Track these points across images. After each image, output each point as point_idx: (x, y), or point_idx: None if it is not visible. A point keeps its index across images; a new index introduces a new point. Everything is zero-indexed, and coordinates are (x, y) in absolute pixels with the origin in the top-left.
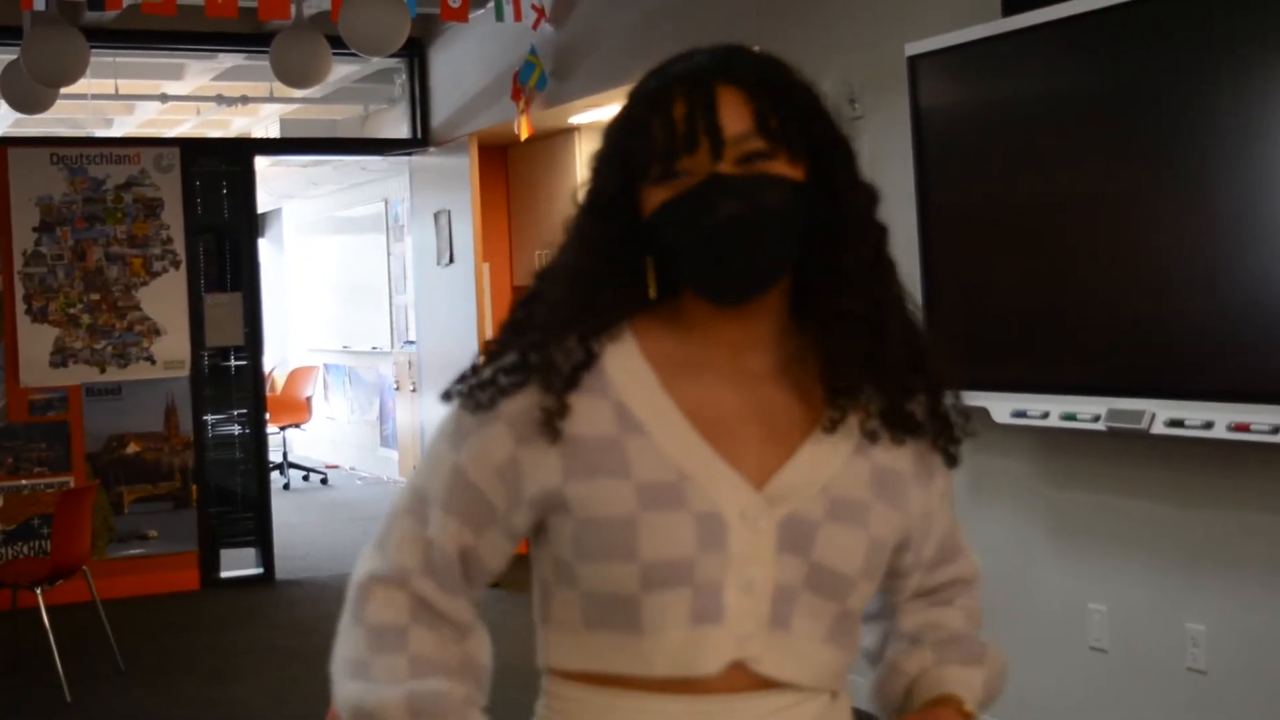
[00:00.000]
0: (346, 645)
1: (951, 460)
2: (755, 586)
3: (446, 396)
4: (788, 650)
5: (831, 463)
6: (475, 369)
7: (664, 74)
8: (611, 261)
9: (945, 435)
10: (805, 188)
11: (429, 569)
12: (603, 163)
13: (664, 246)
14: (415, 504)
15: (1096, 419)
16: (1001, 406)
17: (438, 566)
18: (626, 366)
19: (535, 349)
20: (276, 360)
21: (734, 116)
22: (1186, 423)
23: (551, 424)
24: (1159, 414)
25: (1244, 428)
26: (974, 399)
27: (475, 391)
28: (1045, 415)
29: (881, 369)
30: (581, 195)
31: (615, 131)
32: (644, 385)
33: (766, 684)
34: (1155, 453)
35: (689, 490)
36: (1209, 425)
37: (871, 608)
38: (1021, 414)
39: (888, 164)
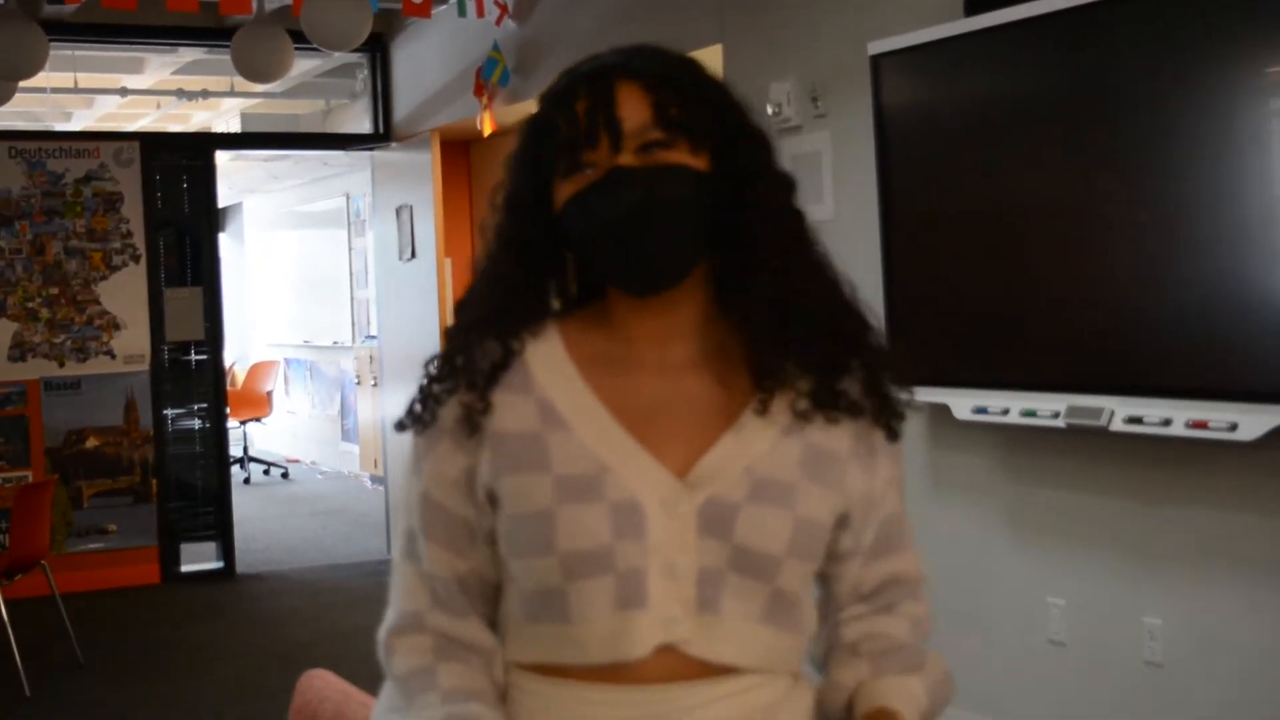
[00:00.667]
0: (382, 701)
1: (893, 435)
2: (678, 571)
3: (400, 427)
4: (719, 632)
5: (756, 445)
6: (419, 388)
7: (571, 74)
8: (530, 260)
9: (885, 411)
10: (708, 177)
11: (436, 603)
12: (516, 162)
13: (574, 241)
14: (407, 545)
15: (1056, 416)
16: (962, 403)
17: (443, 597)
18: (550, 364)
19: (460, 352)
20: (237, 355)
21: (632, 109)
22: (1145, 419)
23: (471, 419)
24: (1118, 411)
25: (1202, 425)
26: (935, 396)
27: (418, 410)
28: (1005, 412)
29: (806, 350)
30: (499, 197)
31: (526, 131)
32: (567, 381)
33: (709, 670)
34: (1114, 449)
35: (607, 481)
36: (1167, 422)
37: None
38: (982, 410)
39: (850, 163)
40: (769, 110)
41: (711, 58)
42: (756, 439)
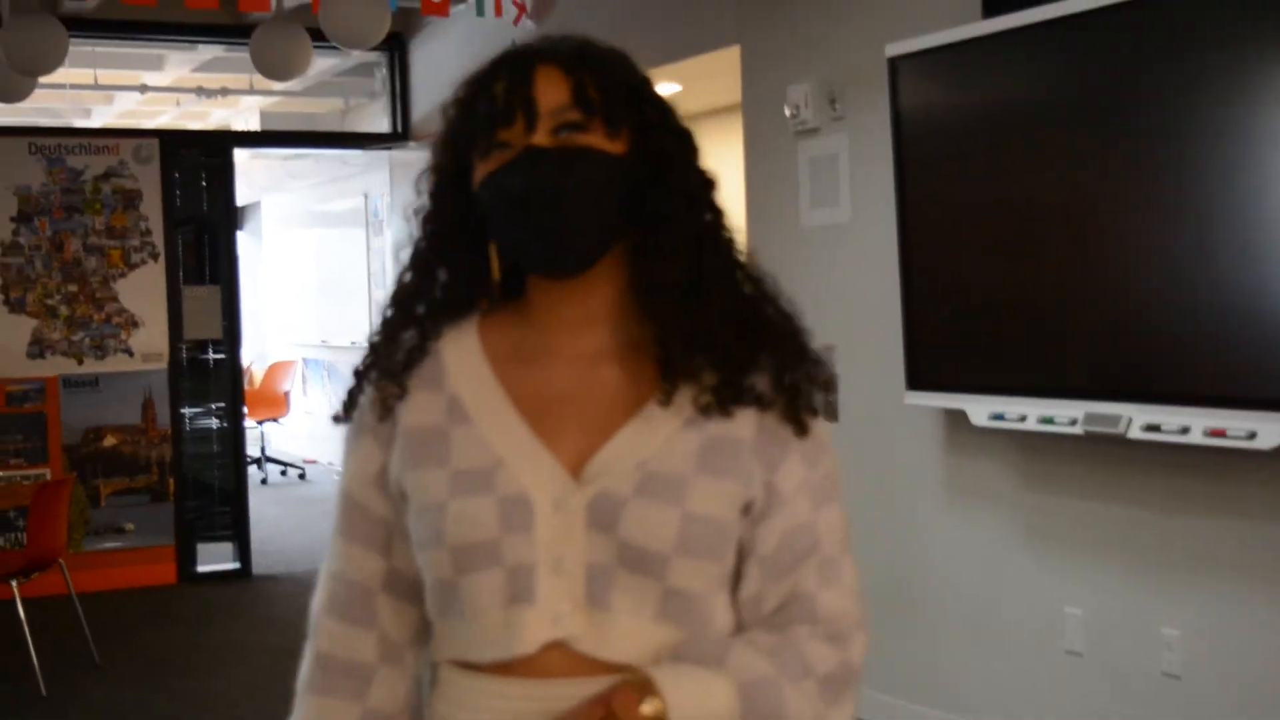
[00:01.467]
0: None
1: (800, 429)
2: (565, 566)
3: (336, 420)
4: (608, 630)
5: (652, 440)
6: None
7: (494, 59)
8: (453, 242)
9: (793, 406)
10: (622, 161)
11: (333, 606)
12: (439, 144)
13: (489, 220)
14: (329, 550)
15: (1074, 423)
16: (979, 409)
17: (342, 600)
18: (463, 358)
19: (383, 342)
20: (255, 354)
21: (549, 91)
22: (1163, 427)
23: (386, 405)
24: (1136, 418)
25: (1220, 433)
26: (952, 401)
27: (345, 404)
28: (1023, 419)
29: (713, 343)
30: (424, 181)
31: (448, 113)
32: (476, 375)
33: (602, 667)
34: (1132, 457)
35: (499, 475)
36: (1185, 430)
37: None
38: (999, 417)
39: (867, 165)
40: (786, 112)
41: (729, 59)
42: (655, 432)
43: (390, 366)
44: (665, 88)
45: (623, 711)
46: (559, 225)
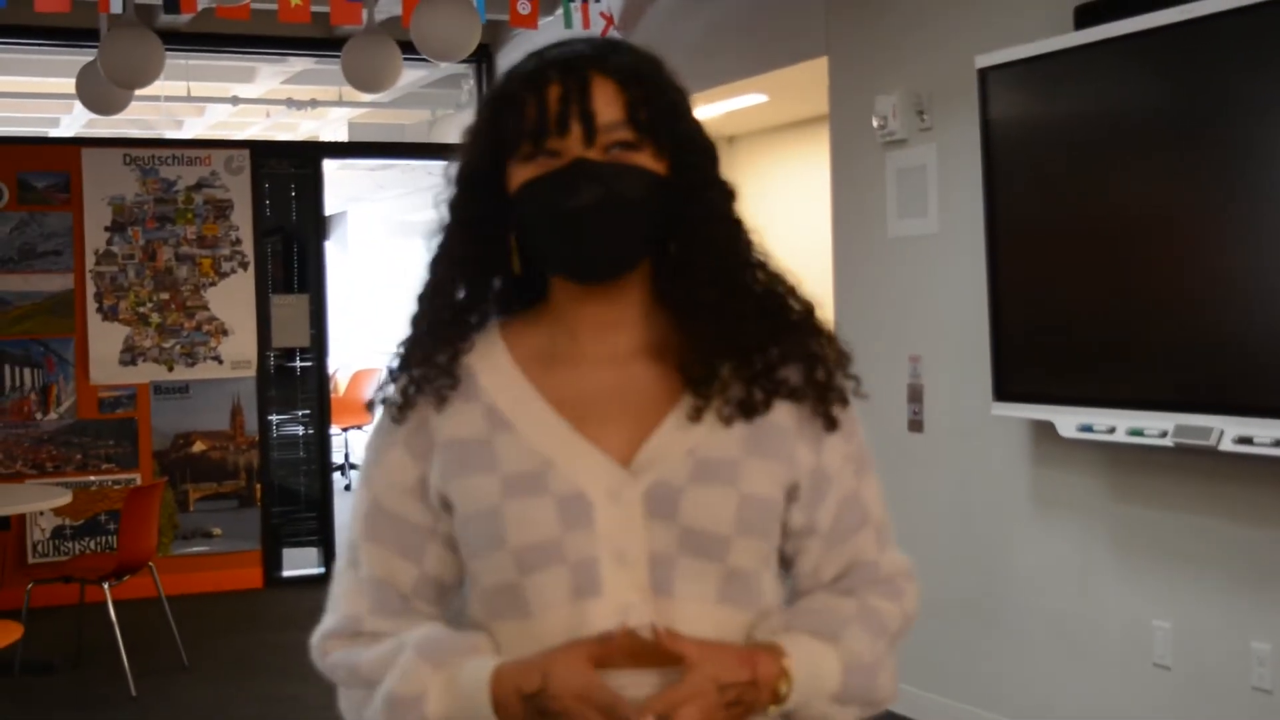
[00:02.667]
0: (345, 705)
1: (831, 423)
2: (629, 557)
3: (370, 405)
4: (675, 616)
5: (696, 429)
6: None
7: (542, 57)
8: (479, 239)
9: (825, 399)
10: (666, 182)
11: (376, 607)
12: (474, 137)
13: (525, 224)
14: (350, 555)
15: (1164, 435)
16: (1067, 421)
17: (382, 601)
18: (495, 370)
19: (411, 349)
20: (340, 362)
21: (606, 105)
22: (1255, 440)
23: (421, 415)
24: (1227, 431)
25: None
26: (1040, 413)
27: (389, 404)
28: (1112, 430)
29: (742, 340)
30: (452, 171)
31: (489, 107)
32: (511, 384)
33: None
34: (1223, 470)
35: (551, 476)
36: (1278, 443)
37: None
38: (1088, 429)
39: (956, 176)
40: (874, 123)
41: (817, 70)
42: (698, 422)
43: (424, 376)
44: (752, 98)
45: (764, 672)
46: (603, 240)
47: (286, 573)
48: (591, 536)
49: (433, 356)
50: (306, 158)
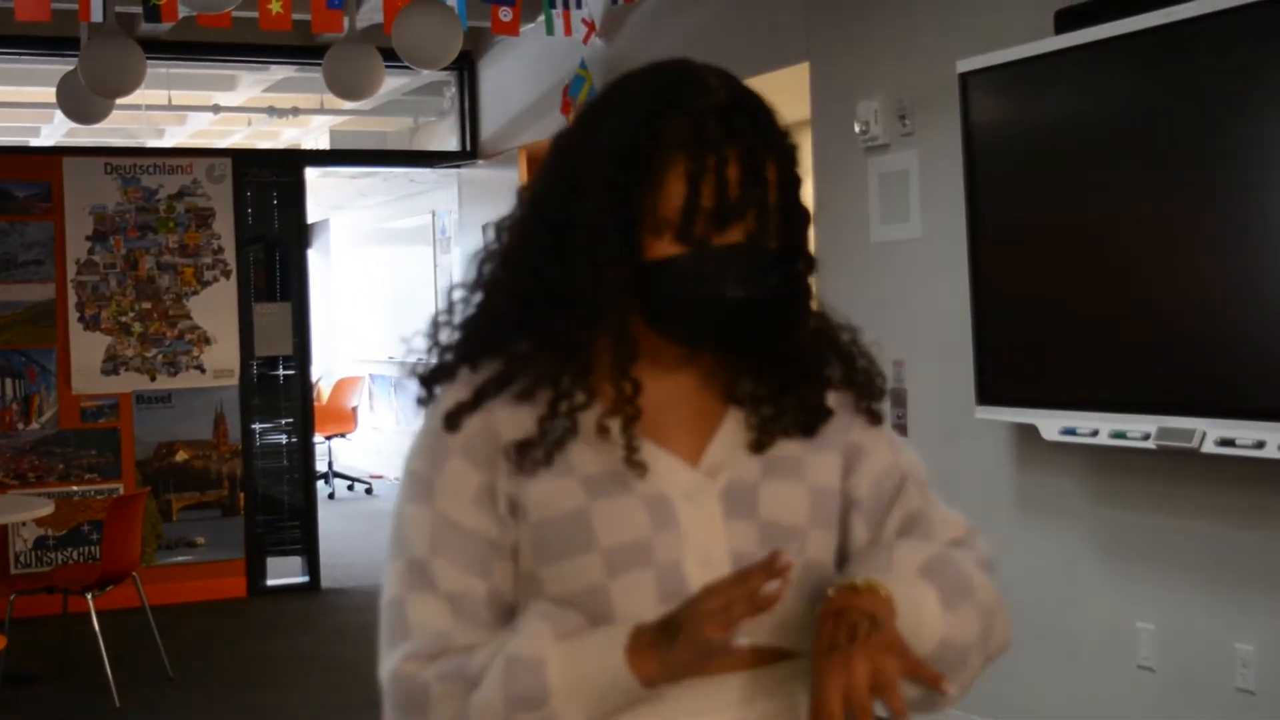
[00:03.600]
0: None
1: (875, 417)
2: (712, 558)
3: (421, 401)
4: (761, 616)
5: (755, 429)
6: (438, 371)
7: (701, 115)
8: (577, 272)
9: (864, 395)
10: (781, 256)
11: (462, 619)
12: (607, 180)
13: (659, 290)
14: (413, 577)
15: (1146, 437)
16: (1050, 424)
17: (471, 614)
18: None
19: (565, 375)
20: (323, 370)
21: (771, 191)
22: (1237, 442)
23: (550, 455)
24: (1210, 433)
25: None
26: (1023, 416)
27: (450, 413)
28: (1095, 433)
29: (797, 371)
30: (561, 193)
31: (636, 155)
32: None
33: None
34: (1205, 472)
35: (632, 476)
36: (1260, 445)
37: None
38: (1071, 431)
39: (938, 181)
40: (856, 128)
41: (799, 76)
42: (755, 422)
43: (568, 420)
44: None
45: (881, 611)
46: (729, 318)
47: (271, 582)
48: (678, 537)
49: (559, 372)
50: (288, 166)
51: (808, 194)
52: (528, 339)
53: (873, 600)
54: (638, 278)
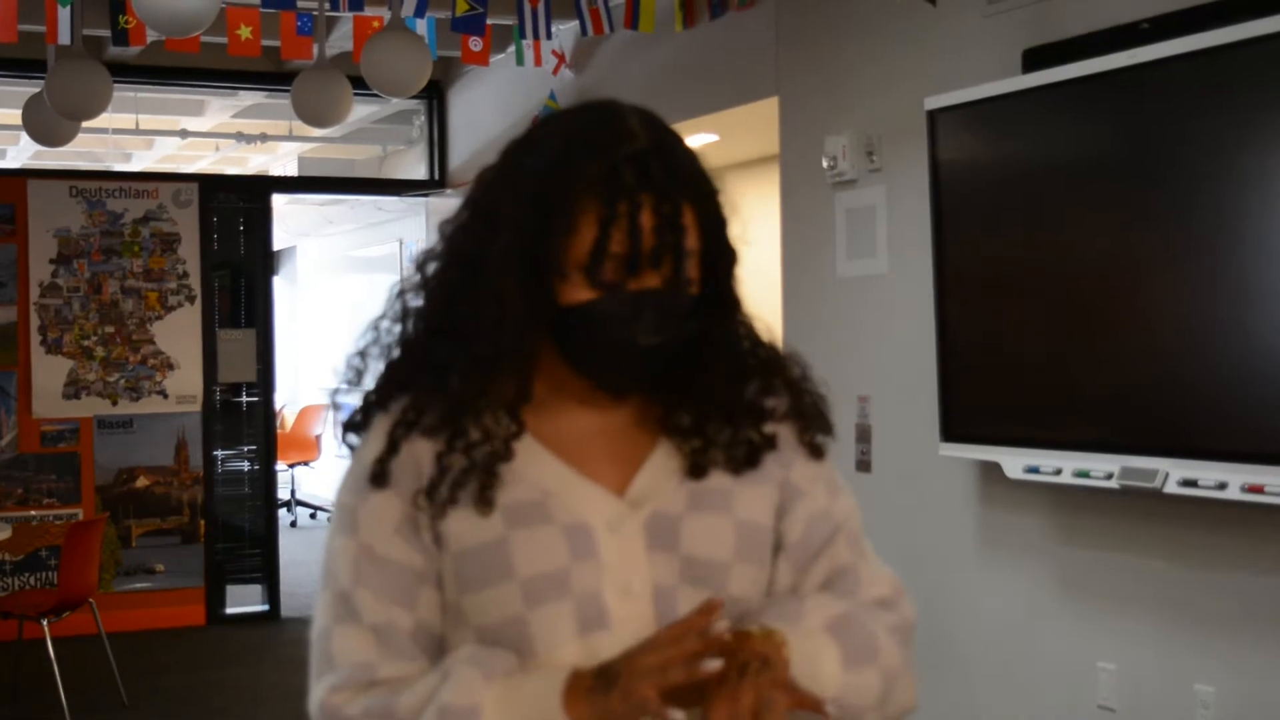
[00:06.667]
0: None
1: (817, 451)
2: (634, 588)
3: (349, 446)
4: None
5: (685, 460)
6: (363, 413)
7: (617, 162)
8: (501, 327)
9: (812, 427)
10: (703, 299)
11: (387, 653)
12: (520, 220)
13: (573, 335)
14: (339, 609)
15: (1109, 477)
16: (1014, 462)
17: (395, 647)
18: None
19: (462, 414)
20: (287, 398)
21: (689, 239)
22: (1200, 483)
23: (485, 495)
24: (1172, 473)
25: (1258, 489)
26: (986, 454)
27: (374, 472)
28: (1058, 472)
29: (722, 405)
30: (477, 230)
31: (547, 198)
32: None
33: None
34: (1168, 512)
35: (553, 505)
36: (1223, 486)
37: None
38: (1034, 470)
39: (905, 217)
40: (824, 164)
41: (768, 111)
42: (685, 453)
43: (494, 453)
44: (703, 138)
45: (774, 655)
46: (650, 366)
47: (230, 610)
48: (597, 567)
49: (480, 407)
50: (255, 192)
51: (770, 226)
52: (435, 374)
53: (767, 645)
54: (555, 319)
